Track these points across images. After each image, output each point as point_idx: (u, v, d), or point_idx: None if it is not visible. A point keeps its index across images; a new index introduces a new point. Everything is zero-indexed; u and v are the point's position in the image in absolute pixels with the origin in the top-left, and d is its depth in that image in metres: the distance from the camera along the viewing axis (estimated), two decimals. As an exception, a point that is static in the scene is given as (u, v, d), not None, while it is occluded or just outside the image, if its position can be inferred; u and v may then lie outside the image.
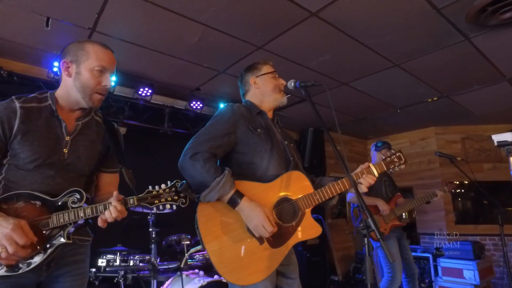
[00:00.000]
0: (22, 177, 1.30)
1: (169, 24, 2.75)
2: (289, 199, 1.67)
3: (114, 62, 1.46)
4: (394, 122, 5.66)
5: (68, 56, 1.41)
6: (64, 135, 1.39)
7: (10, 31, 2.92)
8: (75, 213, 1.28)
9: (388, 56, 3.33)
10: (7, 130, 1.29)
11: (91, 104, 1.41)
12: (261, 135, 1.74)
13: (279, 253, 1.60)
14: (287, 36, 2.97)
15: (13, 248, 1.14)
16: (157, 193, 1.38)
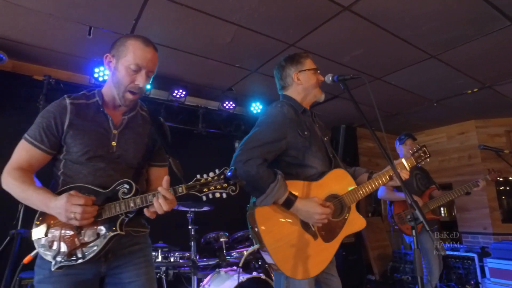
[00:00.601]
0: (77, 171, 1.37)
1: (203, 25, 2.82)
2: (336, 195, 1.75)
3: (153, 61, 1.43)
4: (430, 116, 5.45)
5: (112, 50, 1.44)
6: (112, 129, 1.43)
7: (58, 42, 3.12)
8: (125, 204, 1.32)
9: (424, 48, 3.22)
10: (59, 126, 1.36)
11: (123, 102, 1.42)
12: (307, 137, 1.77)
13: (332, 246, 1.69)
14: (319, 32, 2.95)
15: (80, 208, 1.21)
16: (206, 181, 1.32)
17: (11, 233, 2.85)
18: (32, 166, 1.36)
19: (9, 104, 3.33)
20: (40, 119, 1.37)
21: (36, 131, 1.35)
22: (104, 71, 3.40)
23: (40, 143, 1.35)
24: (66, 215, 1.22)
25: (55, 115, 1.36)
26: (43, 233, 1.29)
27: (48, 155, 1.38)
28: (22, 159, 1.35)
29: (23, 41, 3.11)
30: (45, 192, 1.29)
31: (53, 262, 1.25)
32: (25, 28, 2.89)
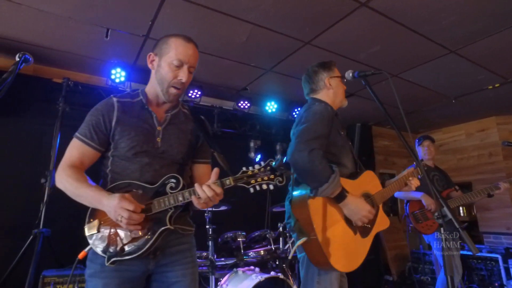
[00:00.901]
0: (124, 167, 1.41)
1: (218, 25, 2.83)
2: (369, 194, 1.88)
3: (194, 56, 1.46)
4: (448, 113, 5.33)
5: (155, 49, 1.49)
6: (156, 126, 1.47)
7: (76, 45, 3.18)
8: (174, 198, 1.33)
9: (443, 43, 3.14)
10: (107, 123, 1.41)
11: (167, 97, 1.46)
12: (343, 137, 1.89)
13: (367, 242, 1.82)
14: (336, 29, 2.92)
15: (127, 214, 1.23)
16: (253, 173, 1.32)
17: (34, 232, 2.92)
18: (84, 163, 1.40)
19: (31, 107, 3.41)
20: (89, 117, 1.43)
21: (85, 129, 1.40)
22: (121, 72, 3.44)
23: (90, 140, 1.39)
24: (114, 215, 1.26)
25: (103, 112, 1.42)
26: (96, 229, 1.32)
27: (97, 152, 1.42)
28: (74, 156, 1.39)
29: (43, 45, 3.18)
30: (98, 189, 1.33)
31: (106, 256, 1.28)
32: (45, 32, 2.95)
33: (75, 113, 3.42)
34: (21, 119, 3.36)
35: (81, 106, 3.46)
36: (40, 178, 3.06)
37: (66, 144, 3.42)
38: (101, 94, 3.56)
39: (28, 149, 3.33)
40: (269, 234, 3.21)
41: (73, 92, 3.43)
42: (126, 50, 3.31)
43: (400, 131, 1.54)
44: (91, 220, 1.35)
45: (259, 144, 4.46)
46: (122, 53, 3.36)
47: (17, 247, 2.89)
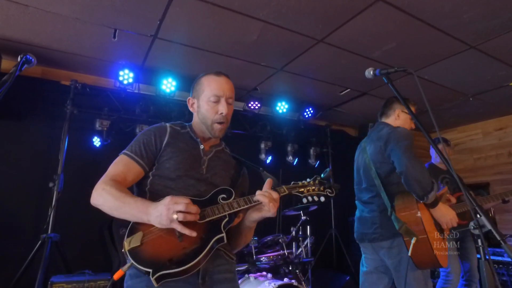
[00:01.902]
0: (166, 185, 1.36)
1: (229, 23, 2.74)
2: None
3: (229, 88, 1.46)
4: (464, 112, 5.15)
5: (192, 93, 1.53)
6: (202, 155, 1.47)
7: (84, 47, 3.14)
8: (228, 205, 1.30)
9: (463, 38, 3.00)
10: (158, 143, 1.41)
11: (213, 133, 1.46)
12: None
13: (445, 242, 2.09)
14: (350, 26, 2.81)
15: (184, 204, 1.15)
16: (303, 184, 1.41)
17: (42, 237, 2.87)
18: (126, 180, 1.34)
19: (39, 110, 3.38)
20: (140, 136, 1.43)
21: (136, 146, 1.39)
22: (129, 73, 3.39)
23: (139, 158, 1.37)
24: (168, 215, 1.14)
25: (155, 133, 1.43)
26: (139, 241, 1.19)
27: (142, 171, 1.38)
28: (119, 171, 1.34)
29: (51, 47, 3.14)
30: (143, 200, 1.25)
31: (151, 270, 1.15)
32: (53, 34, 2.91)
33: (83, 115, 3.38)
34: (29, 122, 3.33)
35: (89, 108, 3.42)
36: (48, 182, 3.02)
37: (74, 147, 3.38)
38: (109, 96, 3.51)
39: (36, 153, 3.30)
40: (282, 239, 3.11)
41: (81, 94, 3.38)
42: (134, 51, 3.24)
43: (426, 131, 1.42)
44: (133, 233, 1.22)
45: (270, 145, 4.36)
46: (130, 54, 3.30)
47: (26, 252, 2.85)
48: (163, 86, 3.62)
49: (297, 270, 3.07)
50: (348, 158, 5.32)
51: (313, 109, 4.54)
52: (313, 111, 4.55)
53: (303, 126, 4.74)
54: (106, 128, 3.38)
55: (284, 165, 4.52)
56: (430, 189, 1.89)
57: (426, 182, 1.88)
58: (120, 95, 3.55)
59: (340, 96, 4.39)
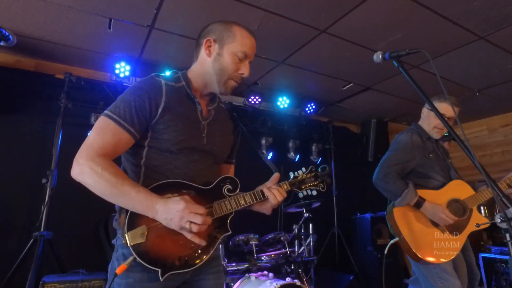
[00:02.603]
0: (166, 161, 1.21)
1: (228, 12, 2.63)
2: (457, 199, 2.24)
3: (255, 51, 1.36)
4: (470, 107, 5.02)
5: (213, 34, 1.30)
6: (200, 119, 1.31)
7: (78, 38, 3.03)
8: (236, 201, 1.24)
9: (472, 28, 2.88)
10: (153, 108, 1.18)
11: (224, 90, 1.31)
12: (432, 158, 2.30)
13: (460, 239, 2.16)
14: (354, 15, 2.69)
15: (201, 219, 1.06)
16: (302, 178, 1.40)
17: (34, 235, 2.76)
18: (117, 152, 1.15)
19: (32, 104, 3.27)
20: (131, 97, 1.17)
21: (126, 110, 1.14)
22: (125, 66, 3.27)
23: (130, 125, 1.14)
24: (180, 224, 1.05)
25: (150, 95, 1.18)
26: (144, 237, 1.08)
27: (133, 140, 1.17)
28: (108, 143, 1.11)
29: (44, 38, 3.03)
30: (146, 190, 1.09)
31: (159, 270, 1.07)
32: (46, 24, 2.80)
33: (78, 109, 3.27)
34: (22, 116, 3.22)
35: (84, 102, 3.31)
36: (41, 178, 2.90)
37: (68, 142, 3.26)
38: (105, 89, 3.40)
39: (29, 148, 3.19)
40: (284, 237, 3.00)
41: (76, 88, 3.27)
42: (131, 43, 3.13)
43: (458, 136, 1.30)
44: (135, 226, 1.09)
45: (271, 141, 4.25)
46: (126, 46, 3.19)
47: (18, 250, 2.74)
48: (161, 79, 3.51)
49: (299, 269, 2.96)
50: (351, 155, 5.26)
51: (315, 104, 4.43)
52: (315, 106, 4.43)
53: (304, 122, 4.62)
54: (101, 122, 3.26)
55: (286, 161, 4.41)
56: (398, 196, 2.13)
57: (391, 191, 2.18)
58: (117, 89, 3.43)
59: (343, 91, 4.27)
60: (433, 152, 2.33)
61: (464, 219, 2.19)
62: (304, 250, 3.18)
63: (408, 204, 2.14)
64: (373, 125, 5.15)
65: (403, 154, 2.25)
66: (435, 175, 2.27)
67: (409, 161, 2.25)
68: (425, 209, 2.13)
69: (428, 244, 2.10)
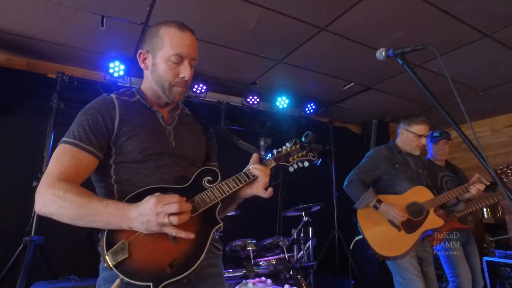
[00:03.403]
0: (135, 172, 1.14)
1: (225, 9, 2.53)
2: (415, 202, 2.50)
3: (193, 46, 1.21)
4: (472, 107, 4.92)
5: (144, 45, 1.24)
6: (164, 126, 1.26)
7: (70, 36, 2.93)
8: (219, 189, 1.14)
9: (477, 25, 2.79)
10: (108, 122, 1.13)
11: (172, 98, 1.23)
12: (398, 168, 2.59)
13: (413, 237, 2.42)
14: (355, 12, 2.60)
15: (176, 206, 0.95)
16: (287, 152, 1.32)
17: (24, 241, 2.67)
18: (80, 175, 1.08)
19: (23, 104, 3.18)
20: (82, 117, 1.13)
21: (80, 130, 1.10)
22: (119, 65, 3.18)
23: (87, 145, 1.09)
24: (158, 221, 0.95)
25: (101, 110, 1.14)
26: (126, 252, 0.99)
27: (96, 160, 1.11)
28: (67, 166, 1.05)
29: (35, 37, 2.93)
30: (115, 202, 1.02)
31: (151, 284, 0.95)
32: (35, 21, 2.70)
33: (70, 110, 3.16)
34: (12, 116, 3.12)
35: (77, 102, 3.20)
36: (32, 181, 2.81)
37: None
38: (98, 89, 3.30)
39: (19, 149, 3.09)
40: (282, 242, 2.91)
41: (68, 87, 3.18)
42: (125, 41, 3.04)
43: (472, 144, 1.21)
44: (114, 244, 1.00)
45: (270, 142, 4.15)
46: (120, 45, 3.10)
47: (7, 256, 2.65)
48: (156, 79, 3.41)
49: (298, 275, 2.87)
50: (351, 156, 5.16)
51: (315, 104, 4.33)
52: (315, 106, 4.34)
53: (304, 122, 4.53)
54: (94, 123, 3.16)
55: (285, 163, 4.31)
56: (358, 198, 2.49)
57: (353, 194, 2.54)
58: (111, 89, 3.33)
59: (343, 91, 4.18)
60: (400, 163, 2.63)
61: (419, 219, 2.45)
62: (303, 255, 3.09)
63: (368, 206, 2.48)
64: (374, 126, 5.06)
65: (369, 164, 2.62)
66: (401, 183, 2.55)
67: (374, 169, 2.59)
68: (381, 209, 2.43)
69: (384, 240, 2.42)
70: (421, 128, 2.62)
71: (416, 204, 2.48)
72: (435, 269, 4.66)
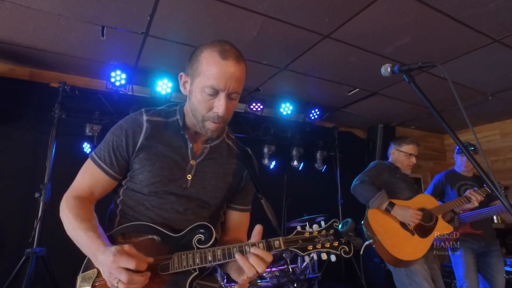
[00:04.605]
0: (139, 201, 1.13)
1: (226, 18, 2.49)
2: (424, 208, 2.49)
3: (235, 78, 1.04)
4: (481, 111, 4.82)
5: (187, 67, 1.13)
6: (190, 158, 1.15)
7: (71, 46, 2.92)
8: (201, 255, 1.00)
9: (486, 30, 2.70)
10: (130, 147, 1.12)
11: (205, 133, 1.11)
12: (399, 177, 2.66)
13: (427, 241, 2.39)
14: (359, 19, 2.53)
15: (126, 276, 0.89)
16: (311, 236, 1.03)
17: (27, 252, 2.65)
18: (94, 193, 1.14)
19: (25, 114, 3.17)
20: (111, 137, 1.14)
21: (105, 151, 1.13)
22: (121, 74, 3.15)
23: (109, 167, 1.12)
24: (109, 279, 0.93)
25: (128, 133, 1.12)
26: (90, 283, 1.00)
27: (114, 182, 1.15)
28: (85, 184, 1.13)
29: (37, 47, 2.92)
30: (95, 237, 0.99)
31: None
32: (36, 32, 2.69)
33: (72, 120, 3.16)
34: (14, 127, 3.12)
35: (79, 112, 3.20)
36: (34, 192, 2.79)
37: (62, 154, 3.14)
38: (100, 98, 3.29)
39: (21, 160, 3.08)
40: (286, 253, 2.85)
41: (70, 97, 3.16)
42: (126, 51, 3.01)
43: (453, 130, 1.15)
44: (88, 269, 1.03)
45: (274, 149, 4.09)
46: (121, 54, 3.07)
47: (9, 268, 2.63)
48: (158, 87, 3.38)
49: (302, 287, 2.82)
50: (357, 162, 5.08)
51: (320, 110, 4.27)
52: (319, 112, 4.27)
53: (309, 128, 4.46)
54: (97, 133, 3.14)
55: (289, 170, 4.24)
56: (371, 198, 2.41)
57: (364, 194, 2.46)
58: (112, 98, 3.32)
59: (348, 96, 4.11)
60: (400, 174, 2.70)
61: (430, 224, 2.46)
62: (308, 266, 3.03)
63: (380, 207, 2.41)
64: (380, 130, 4.98)
65: (374, 170, 2.66)
66: (402, 191, 2.59)
67: (379, 175, 2.63)
68: (395, 211, 2.38)
69: (399, 244, 2.34)
70: (410, 147, 2.74)
71: (426, 210, 2.47)
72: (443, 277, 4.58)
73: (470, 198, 2.51)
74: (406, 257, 2.31)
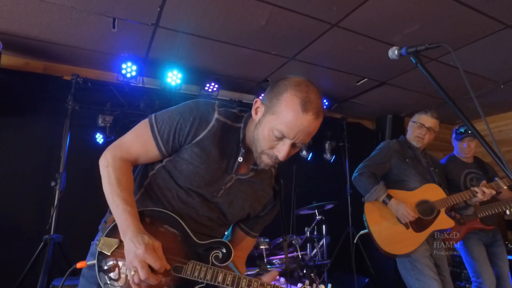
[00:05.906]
0: (168, 187, 1.15)
1: (235, 8, 2.51)
2: (427, 201, 2.39)
3: (308, 131, 1.03)
4: (493, 100, 4.75)
5: (265, 95, 1.11)
6: (233, 171, 1.15)
7: (83, 39, 2.98)
8: (213, 273, 1.04)
9: (498, 16, 2.66)
10: (190, 137, 1.11)
11: (259, 163, 1.12)
12: (409, 163, 2.50)
13: (421, 236, 2.32)
14: (368, 7, 2.53)
15: (145, 273, 0.95)
16: None
17: (44, 239, 2.76)
18: (138, 160, 1.16)
19: (40, 106, 3.26)
20: (177, 116, 1.11)
21: (166, 127, 1.11)
22: (132, 66, 3.21)
23: (163, 144, 1.12)
24: (129, 264, 0.98)
25: (194, 122, 1.10)
26: (110, 251, 1.05)
27: (160, 157, 1.16)
28: (134, 149, 1.13)
29: (51, 40, 3.00)
30: (132, 213, 1.03)
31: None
32: (50, 25, 2.76)
33: (85, 111, 3.24)
34: (30, 119, 3.22)
35: (91, 103, 3.27)
36: (50, 181, 2.89)
37: (76, 144, 3.22)
38: (112, 90, 3.36)
39: (37, 150, 3.19)
40: (295, 240, 2.91)
41: (83, 89, 3.24)
42: (136, 42, 3.06)
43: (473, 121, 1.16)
44: (112, 234, 1.06)
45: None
46: (132, 46, 3.13)
47: (28, 254, 2.74)
48: (168, 79, 3.44)
49: (312, 273, 2.86)
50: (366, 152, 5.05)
51: (328, 100, 4.27)
52: (327, 103, 4.28)
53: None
54: (109, 124, 3.22)
55: (298, 160, 4.27)
56: (368, 191, 2.39)
57: (362, 186, 2.44)
58: (124, 89, 3.39)
59: (356, 86, 4.10)
60: (411, 158, 2.55)
61: (429, 218, 2.36)
62: (317, 253, 3.07)
63: (377, 200, 2.38)
64: (389, 121, 4.95)
65: (379, 156, 2.55)
66: (411, 178, 2.47)
67: (384, 162, 2.52)
68: (390, 205, 2.33)
69: (390, 237, 2.34)
70: (423, 118, 2.58)
71: (427, 203, 2.38)
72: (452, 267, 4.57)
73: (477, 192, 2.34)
74: (396, 250, 2.30)
